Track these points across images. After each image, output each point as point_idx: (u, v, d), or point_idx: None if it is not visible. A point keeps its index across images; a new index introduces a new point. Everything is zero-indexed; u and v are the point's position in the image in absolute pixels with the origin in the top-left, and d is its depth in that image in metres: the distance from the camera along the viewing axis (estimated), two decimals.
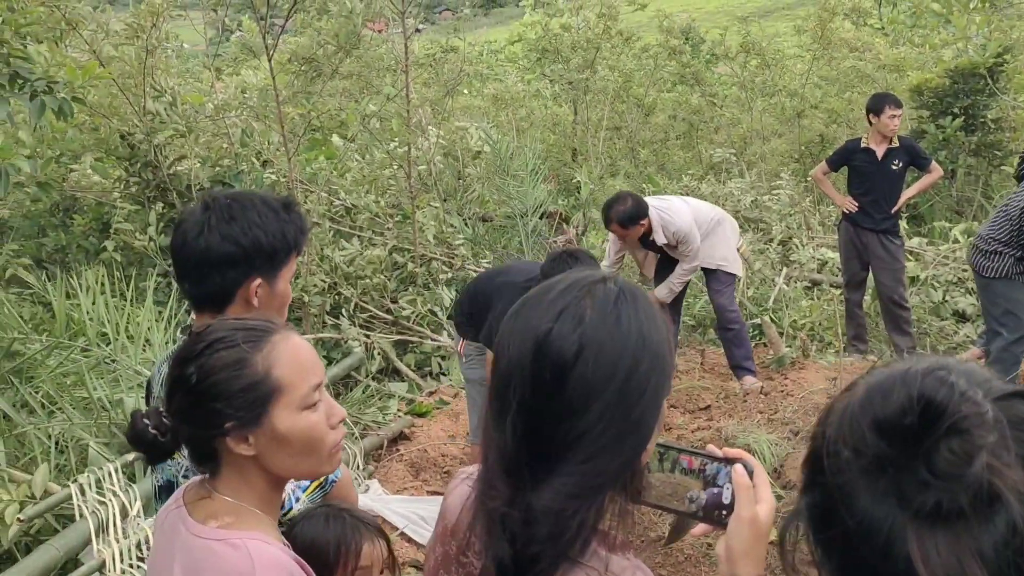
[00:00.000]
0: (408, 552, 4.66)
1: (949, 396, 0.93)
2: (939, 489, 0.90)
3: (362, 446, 5.50)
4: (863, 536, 0.95)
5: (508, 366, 1.33)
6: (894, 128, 7.12)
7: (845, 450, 0.98)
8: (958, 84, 11.34)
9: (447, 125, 10.57)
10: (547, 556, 1.29)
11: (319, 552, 2.22)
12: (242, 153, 7.93)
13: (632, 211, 6.05)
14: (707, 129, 15.33)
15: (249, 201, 2.22)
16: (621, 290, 1.35)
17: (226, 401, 1.60)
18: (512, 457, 1.31)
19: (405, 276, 8.38)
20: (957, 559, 0.89)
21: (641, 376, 1.30)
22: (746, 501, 1.38)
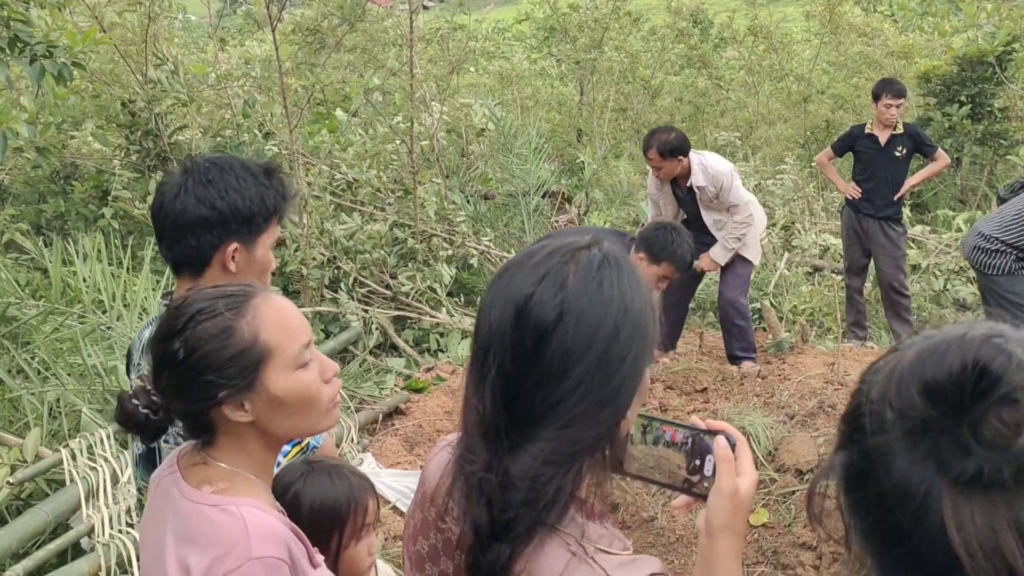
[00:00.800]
0: (399, 525, 4.66)
1: (1006, 365, 0.91)
2: (982, 457, 0.88)
3: (357, 420, 5.49)
4: (898, 499, 0.94)
5: (488, 331, 1.31)
6: (890, 117, 7.08)
7: (890, 412, 0.96)
8: (966, 72, 11.28)
9: (452, 102, 10.52)
10: (523, 521, 1.28)
11: (330, 510, 2.20)
12: (244, 124, 7.90)
13: (675, 143, 5.93)
14: (713, 112, 15.27)
15: (228, 165, 2.21)
16: (605, 257, 1.33)
17: (217, 371, 1.58)
18: (490, 422, 1.30)
19: (405, 252, 8.36)
20: (992, 529, 0.87)
21: (622, 344, 1.28)
22: (727, 474, 1.36)
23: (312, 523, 2.04)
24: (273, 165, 2.31)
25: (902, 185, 7.22)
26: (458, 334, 7.47)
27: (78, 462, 3.77)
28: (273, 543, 1.55)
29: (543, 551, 1.29)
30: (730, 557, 1.37)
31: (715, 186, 6.06)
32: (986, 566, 0.86)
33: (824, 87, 13.83)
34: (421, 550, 1.45)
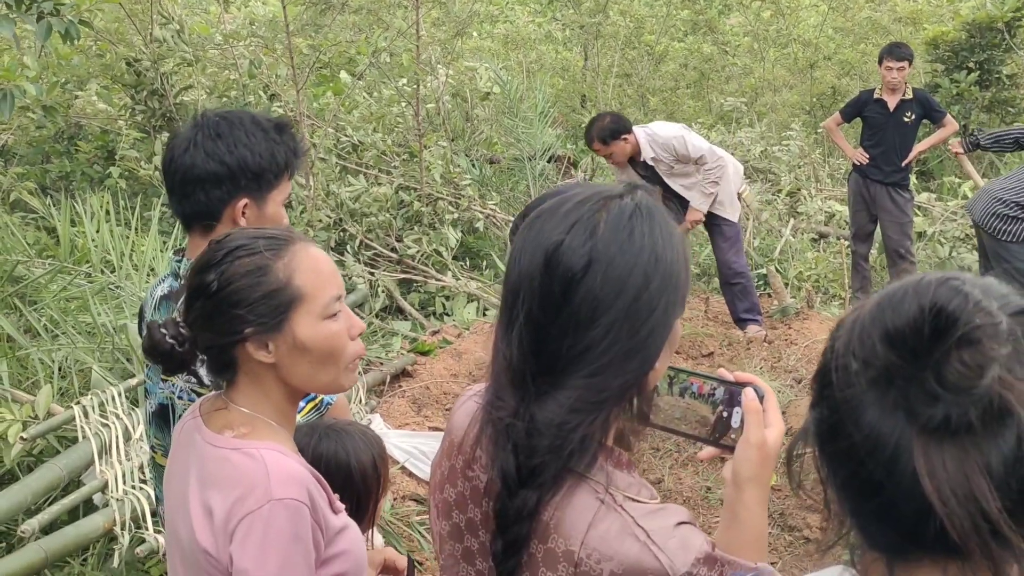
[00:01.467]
0: (408, 486, 4.68)
1: (962, 305, 0.90)
2: (948, 402, 0.88)
3: (365, 381, 5.50)
4: (869, 450, 0.93)
5: (518, 277, 1.31)
6: (891, 80, 7.04)
7: (854, 362, 0.96)
8: (974, 38, 11.20)
9: (456, 65, 10.46)
10: (549, 468, 1.28)
11: (365, 471, 2.21)
12: (250, 85, 7.85)
13: (612, 125, 5.94)
14: (718, 79, 15.16)
15: (239, 120, 2.19)
16: (638, 206, 1.32)
17: (248, 307, 1.59)
18: (518, 368, 1.30)
19: (411, 215, 8.33)
20: (964, 474, 0.87)
21: (651, 294, 1.28)
22: (755, 425, 1.37)
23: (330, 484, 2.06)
24: (284, 121, 2.29)
25: (910, 151, 7.19)
26: (463, 298, 7.47)
27: (90, 419, 3.78)
28: (294, 486, 1.56)
29: (572, 499, 1.29)
30: (757, 508, 1.38)
31: (669, 152, 6.04)
32: (960, 512, 0.86)
33: (831, 53, 13.73)
34: (448, 498, 1.46)
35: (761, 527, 1.40)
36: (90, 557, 3.57)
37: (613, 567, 1.25)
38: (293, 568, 1.54)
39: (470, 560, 1.44)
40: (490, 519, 1.37)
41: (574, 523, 1.28)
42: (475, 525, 1.41)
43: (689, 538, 1.27)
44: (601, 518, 1.27)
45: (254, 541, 1.52)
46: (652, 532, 1.26)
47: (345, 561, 1.66)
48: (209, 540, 1.56)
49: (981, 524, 0.86)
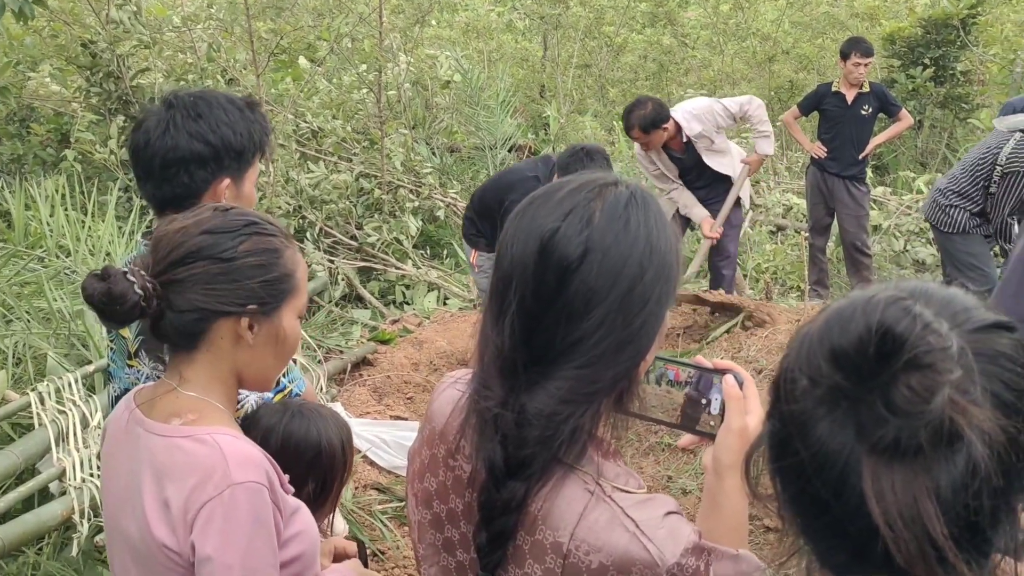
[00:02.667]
0: (370, 475, 4.65)
1: (911, 328, 0.87)
2: (897, 425, 0.85)
3: (325, 369, 5.46)
4: (817, 468, 0.91)
5: (510, 265, 1.28)
6: (858, 76, 7.13)
7: (803, 378, 0.94)
8: (930, 35, 11.35)
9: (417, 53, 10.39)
10: (538, 459, 1.26)
11: (334, 452, 2.18)
12: (208, 69, 7.74)
13: (654, 115, 5.88)
14: (677, 71, 15.22)
15: (214, 99, 2.17)
16: (632, 194, 1.30)
17: (260, 283, 1.59)
18: (508, 357, 1.28)
19: (371, 203, 8.28)
20: (912, 497, 0.85)
21: (646, 285, 1.26)
22: (736, 412, 1.37)
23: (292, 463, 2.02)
24: (254, 99, 2.27)
25: (867, 144, 7.27)
26: (424, 286, 7.44)
27: (46, 406, 3.70)
28: (252, 468, 1.54)
29: (561, 491, 1.28)
30: (737, 495, 1.38)
31: (711, 122, 6.04)
32: (906, 535, 0.85)
33: (789, 47, 13.83)
34: (429, 487, 1.44)
35: (741, 514, 1.40)
36: (46, 547, 3.50)
37: (602, 558, 1.24)
38: (257, 552, 1.52)
39: (451, 550, 1.42)
40: (472, 510, 1.35)
41: (563, 515, 1.26)
42: (456, 515, 1.40)
43: (678, 528, 1.26)
44: (590, 509, 1.26)
45: (216, 527, 1.49)
46: (641, 523, 1.25)
47: (301, 542, 1.64)
48: (166, 533, 1.53)
49: (927, 549, 0.85)
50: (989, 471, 0.85)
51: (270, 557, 1.54)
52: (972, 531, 0.87)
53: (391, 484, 4.61)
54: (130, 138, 2.19)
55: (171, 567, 1.54)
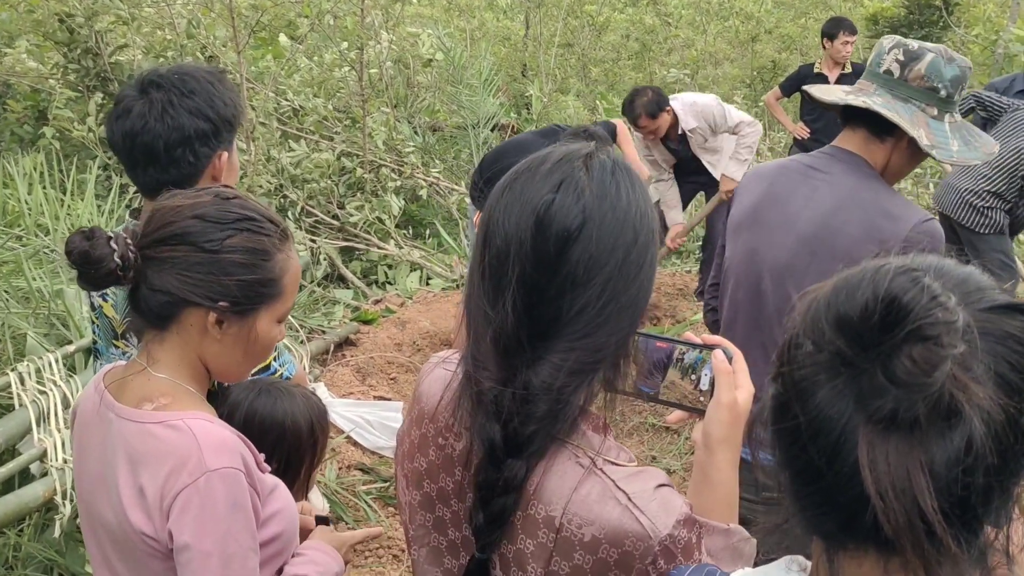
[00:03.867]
0: (354, 455, 4.64)
1: (917, 298, 0.86)
2: (896, 396, 0.85)
3: (308, 349, 5.43)
4: (813, 434, 0.91)
5: (505, 240, 1.27)
6: (846, 55, 7.14)
7: (807, 343, 0.93)
8: (913, 15, 11.41)
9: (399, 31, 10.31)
10: (541, 435, 1.26)
11: (299, 433, 2.16)
12: (187, 45, 7.65)
13: (656, 99, 5.93)
14: (660, 50, 15.20)
15: (198, 74, 2.16)
16: (615, 162, 1.31)
17: (238, 282, 1.55)
18: (512, 334, 1.26)
19: (353, 182, 8.23)
20: (905, 470, 0.84)
21: (640, 249, 1.28)
22: (726, 386, 1.37)
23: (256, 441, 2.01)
24: (220, 69, 2.28)
25: None
26: (406, 266, 7.41)
27: (26, 386, 3.66)
28: (227, 453, 1.52)
29: (554, 466, 1.28)
30: (729, 469, 1.39)
31: (707, 120, 6.06)
32: (896, 507, 0.84)
33: (772, 27, 13.85)
34: (419, 467, 1.43)
35: (732, 488, 1.40)
36: (27, 528, 3.47)
37: (595, 531, 1.24)
38: (236, 537, 1.51)
39: (442, 530, 1.41)
40: (463, 488, 1.35)
41: (556, 489, 1.26)
42: (447, 494, 1.39)
43: (670, 500, 1.26)
44: (583, 483, 1.26)
45: (192, 515, 1.48)
46: (633, 495, 1.25)
47: (280, 520, 1.63)
48: (144, 521, 1.51)
49: (916, 522, 0.84)
50: (985, 449, 0.84)
51: (249, 541, 1.53)
52: (963, 507, 0.86)
53: (375, 464, 4.60)
54: (114, 126, 2.13)
55: (150, 552, 1.53)
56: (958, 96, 2.34)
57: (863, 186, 2.36)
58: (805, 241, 2.39)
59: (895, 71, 2.32)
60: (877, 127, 2.34)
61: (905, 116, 2.28)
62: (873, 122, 2.34)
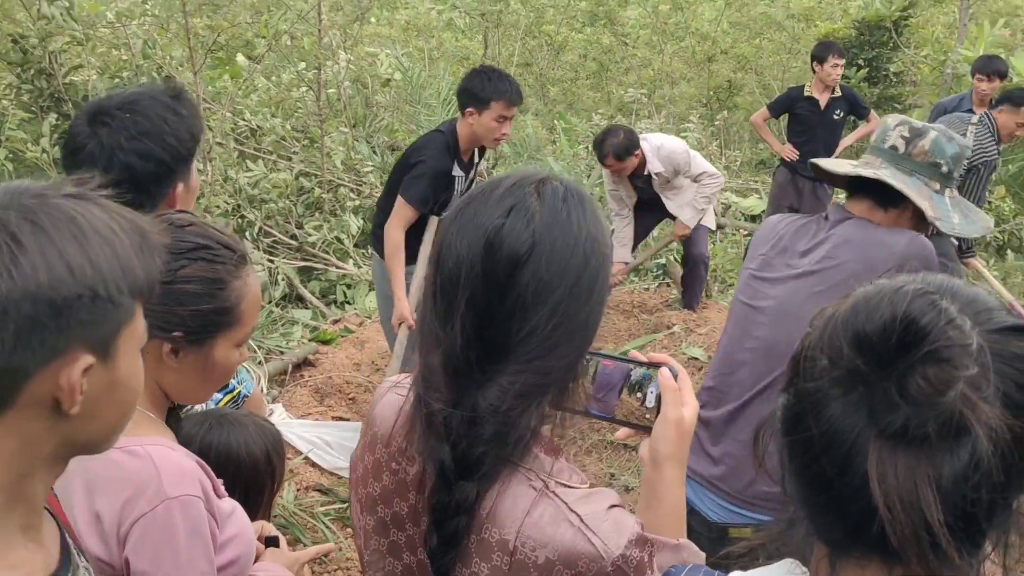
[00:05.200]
0: (312, 476, 4.62)
1: (935, 321, 0.90)
2: (908, 413, 0.88)
3: (266, 370, 5.40)
4: (825, 446, 0.94)
5: (456, 263, 1.28)
6: (836, 77, 7.31)
7: (822, 358, 0.97)
8: (864, 36, 11.58)
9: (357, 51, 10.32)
10: (490, 457, 1.27)
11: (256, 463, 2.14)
12: (143, 66, 7.60)
13: (626, 142, 6.00)
14: (617, 70, 15.33)
15: (150, 107, 2.10)
16: (567, 188, 1.33)
17: (191, 313, 1.55)
18: (461, 356, 1.28)
19: (311, 201, 8.21)
20: (913, 483, 0.88)
21: (590, 274, 1.29)
22: (673, 404, 1.39)
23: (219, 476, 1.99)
24: (177, 88, 2.21)
25: (837, 147, 7.42)
26: (365, 286, 7.39)
27: None
28: (186, 481, 1.52)
29: (507, 489, 1.29)
30: (676, 485, 1.41)
31: (672, 166, 6.18)
32: (903, 518, 0.88)
33: (727, 47, 14.02)
34: (373, 492, 1.43)
35: (680, 503, 1.42)
36: None
37: (548, 553, 1.25)
38: (194, 564, 1.50)
39: (397, 554, 1.42)
40: (418, 512, 1.36)
41: (509, 512, 1.27)
42: (402, 519, 1.39)
43: (622, 521, 1.28)
44: (535, 505, 1.27)
45: (151, 542, 1.47)
46: (586, 517, 1.27)
47: (237, 545, 1.63)
48: (99, 546, 1.50)
49: (922, 534, 0.88)
50: (991, 466, 0.88)
51: (206, 567, 1.53)
52: (967, 521, 0.90)
53: (334, 486, 4.57)
54: (66, 161, 2.10)
55: None
56: (957, 173, 2.47)
57: (857, 227, 2.47)
58: (806, 280, 2.49)
59: (900, 147, 2.44)
60: (882, 198, 2.45)
61: (911, 188, 2.39)
62: (879, 193, 2.45)
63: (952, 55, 11.05)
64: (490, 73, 4.59)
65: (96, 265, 0.99)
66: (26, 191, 1.00)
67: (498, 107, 4.45)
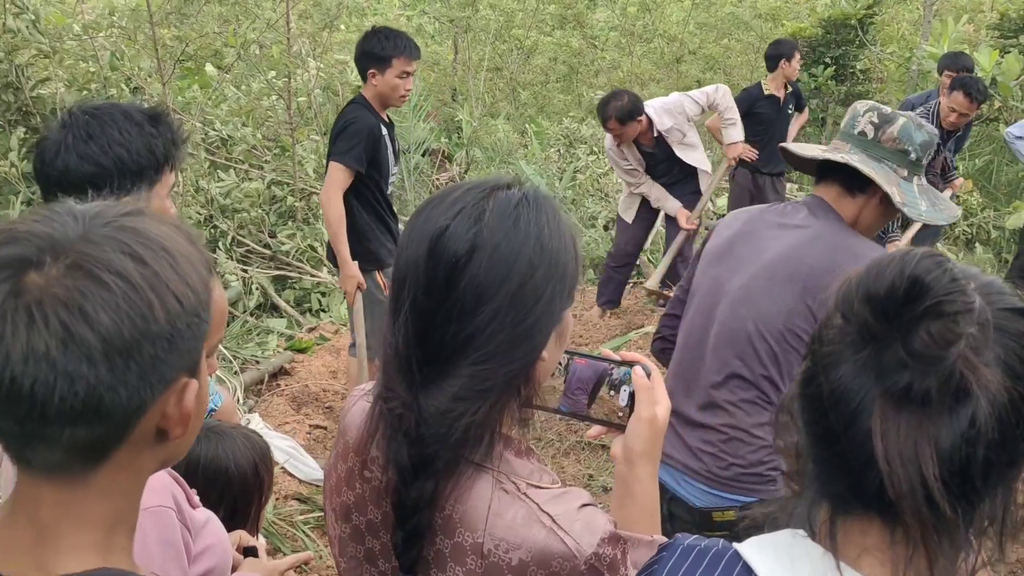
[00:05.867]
0: (290, 485, 4.61)
1: (939, 279, 0.95)
2: (912, 370, 0.93)
3: (242, 380, 5.38)
4: (834, 402, 1.00)
5: (405, 265, 1.31)
6: (796, 74, 7.52)
7: (838, 316, 1.02)
8: (830, 34, 11.67)
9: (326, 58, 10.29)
10: (440, 457, 1.28)
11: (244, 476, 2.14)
12: (111, 77, 7.56)
13: (630, 106, 6.01)
14: (587, 72, 15.37)
15: (110, 116, 2.08)
16: (525, 196, 1.33)
17: None
18: (404, 356, 1.30)
19: (284, 210, 8.19)
20: (913, 440, 0.93)
21: (537, 282, 1.29)
22: (646, 402, 1.41)
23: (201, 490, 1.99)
24: (158, 110, 2.18)
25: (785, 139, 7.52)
26: (340, 293, 7.37)
27: None
28: (158, 492, 1.52)
29: (477, 492, 1.30)
30: (650, 482, 1.43)
31: (680, 115, 6.17)
32: (900, 472, 0.92)
33: (695, 48, 14.09)
34: (347, 501, 1.44)
35: (654, 500, 1.44)
36: None
37: (522, 555, 1.26)
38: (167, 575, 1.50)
39: (372, 561, 1.43)
40: (391, 519, 1.36)
41: (480, 515, 1.29)
42: (376, 526, 1.40)
43: (593, 519, 1.29)
44: (506, 507, 1.29)
45: None
46: (557, 517, 1.28)
47: (212, 555, 1.63)
48: None
49: (917, 488, 0.92)
50: (988, 426, 0.93)
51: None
52: (962, 478, 0.94)
53: (312, 494, 4.57)
54: (33, 159, 2.11)
55: None
56: (925, 160, 2.48)
57: (831, 227, 2.46)
58: (766, 267, 2.49)
59: (869, 132, 2.45)
60: (850, 183, 2.46)
61: (880, 174, 2.40)
62: (847, 178, 2.46)
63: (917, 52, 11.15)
64: (386, 31, 4.59)
65: (193, 288, 0.99)
66: (97, 218, 0.98)
67: (399, 63, 4.49)
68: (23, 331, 0.88)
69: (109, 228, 0.96)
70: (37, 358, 0.88)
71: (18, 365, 0.88)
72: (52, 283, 0.90)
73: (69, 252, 0.92)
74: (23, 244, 0.92)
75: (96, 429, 0.94)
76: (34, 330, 0.88)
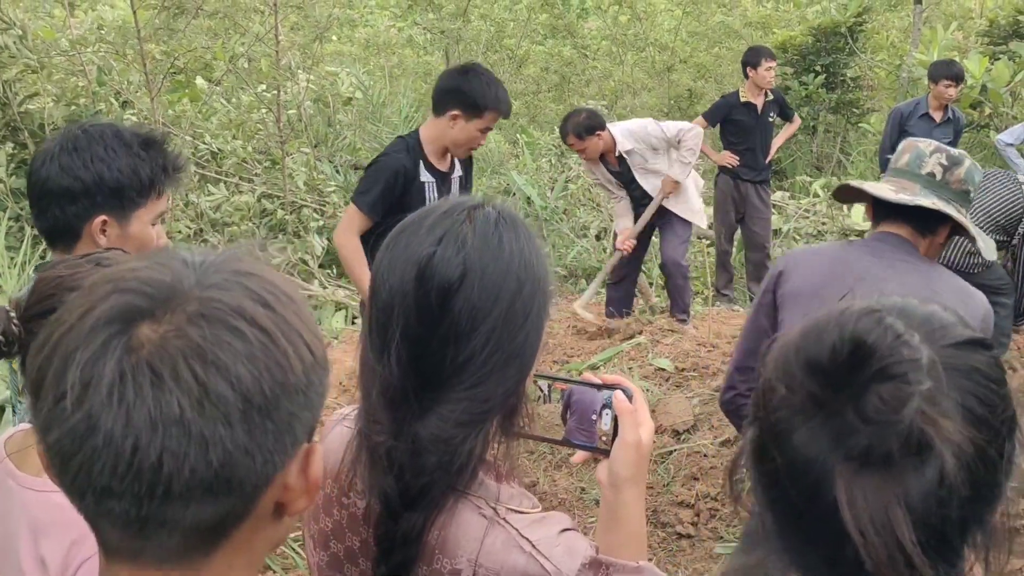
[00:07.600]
0: None
1: (882, 339, 0.91)
2: (869, 434, 0.88)
3: None
4: (792, 475, 0.95)
5: (389, 295, 1.28)
6: (770, 80, 7.34)
7: (780, 387, 0.97)
8: (820, 42, 11.72)
9: (317, 70, 10.30)
10: (437, 487, 1.27)
11: None
12: (100, 92, 7.55)
13: (588, 121, 5.98)
14: (579, 82, 15.40)
15: (100, 133, 2.09)
16: (500, 214, 1.33)
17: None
18: (398, 386, 1.28)
19: (275, 223, 8.17)
20: (883, 505, 0.88)
21: (525, 299, 1.29)
22: (629, 426, 1.39)
23: None
24: (154, 136, 2.16)
25: (770, 148, 7.50)
26: (331, 307, 7.36)
27: None
28: None
29: (456, 518, 1.28)
30: (636, 507, 1.41)
31: (644, 141, 6.11)
32: (876, 541, 0.87)
33: (686, 56, 14.12)
34: (325, 528, 1.42)
35: (640, 525, 1.42)
36: None
37: None
38: None
39: None
40: (370, 546, 1.35)
41: (460, 542, 1.27)
42: (354, 553, 1.39)
43: (574, 544, 1.28)
44: (487, 533, 1.27)
45: None
46: (537, 542, 1.27)
47: None
48: None
49: (896, 555, 0.88)
50: (957, 481, 0.88)
51: None
52: (940, 539, 0.90)
53: None
54: None
55: None
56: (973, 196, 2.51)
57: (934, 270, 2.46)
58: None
59: (938, 174, 2.45)
60: (921, 224, 2.46)
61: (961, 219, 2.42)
62: (919, 219, 2.45)
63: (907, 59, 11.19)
64: (488, 78, 4.00)
65: (317, 335, 0.87)
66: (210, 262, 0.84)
67: (491, 116, 3.93)
68: (148, 391, 0.74)
69: (228, 272, 0.83)
70: (168, 422, 0.74)
71: (144, 433, 0.74)
72: (174, 335, 0.76)
73: (190, 299, 0.78)
74: (132, 294, 0.79)
75: (223, 504, 0.79)
76: (163, 389, 0.74)
